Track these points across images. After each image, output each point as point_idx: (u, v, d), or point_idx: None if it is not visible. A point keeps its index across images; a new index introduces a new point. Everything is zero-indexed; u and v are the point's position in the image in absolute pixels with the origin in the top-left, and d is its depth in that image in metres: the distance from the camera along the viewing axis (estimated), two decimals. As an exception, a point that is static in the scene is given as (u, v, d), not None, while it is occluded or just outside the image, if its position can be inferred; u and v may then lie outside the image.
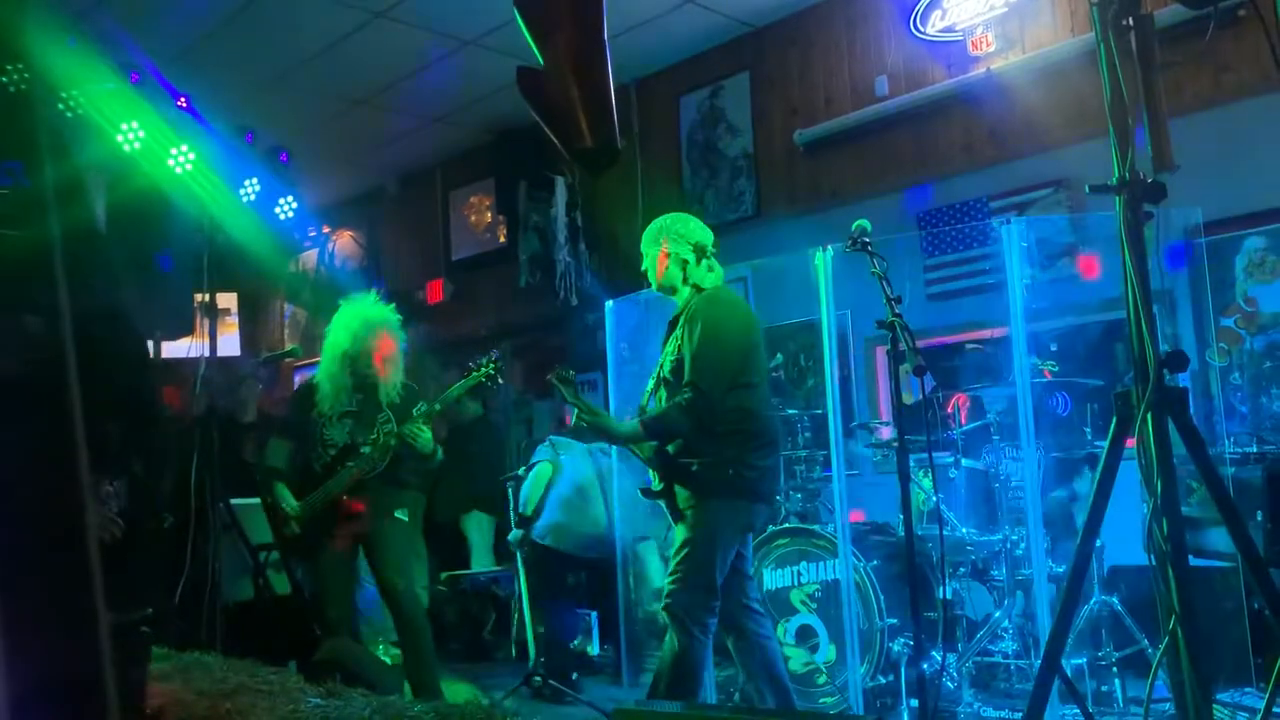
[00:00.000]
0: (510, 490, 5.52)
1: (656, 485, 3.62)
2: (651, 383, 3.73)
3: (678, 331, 3.57)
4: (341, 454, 4.37)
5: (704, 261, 3.67)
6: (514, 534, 5.43)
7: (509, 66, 2.68)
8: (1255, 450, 4.00)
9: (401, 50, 6.63)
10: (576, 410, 3.69)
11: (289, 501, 4.37)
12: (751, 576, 3.76)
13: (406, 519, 4.53)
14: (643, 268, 3.78)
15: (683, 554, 3.43)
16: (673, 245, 3.68)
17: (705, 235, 3.72)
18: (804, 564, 4.43)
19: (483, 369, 4.36)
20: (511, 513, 5.48)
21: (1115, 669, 4.00)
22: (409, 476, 4.54)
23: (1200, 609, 2.19)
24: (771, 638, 3.68)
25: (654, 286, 3.79)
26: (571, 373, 3.77)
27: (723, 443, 3.44)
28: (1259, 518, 3.58)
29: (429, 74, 6.95)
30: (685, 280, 3.67)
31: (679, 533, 3.50)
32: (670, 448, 3.54)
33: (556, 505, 5.42)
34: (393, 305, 4.60)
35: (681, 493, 3.51)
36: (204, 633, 4.42)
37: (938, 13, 5.82)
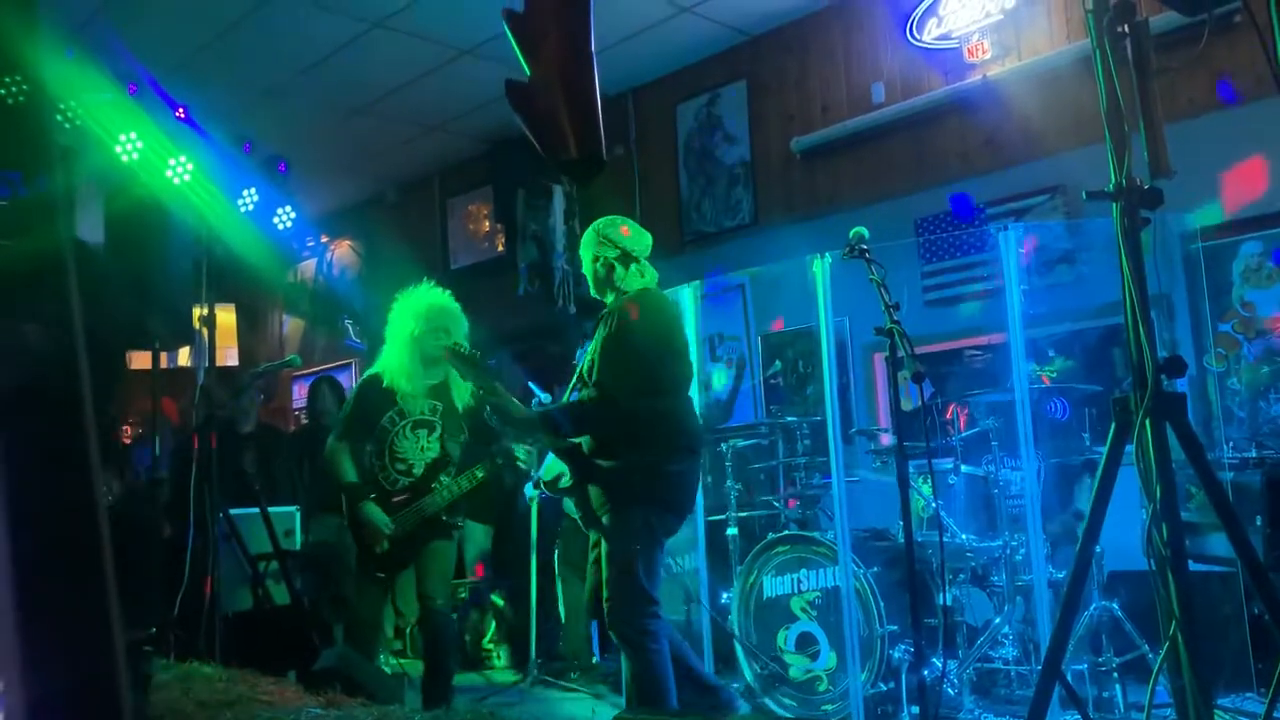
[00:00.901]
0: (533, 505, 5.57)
1: (565, 483, 3.60)
2: (573, 381, 3.71)
3: (598, 333, 3.57)
4: (432, 468, 4.16)
5: (633, 266, 3.65)
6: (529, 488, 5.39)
7: (505, 75, 2.69)
8: (1254, 455, 4.00)
9: (399, 60, 6.65)
10: (476, 387, 3.66)
11: (381, 519, 4.08)
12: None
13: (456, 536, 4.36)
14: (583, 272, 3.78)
15: (610, 569, 3.44)
16: (600, 250, 3.67)
17: (637, 241, 3.69)
18: (804, 571, 4.42)
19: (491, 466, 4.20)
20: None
21: (1116, 674, 3.99)
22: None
23: (1200, 614, 2.19)
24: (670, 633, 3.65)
25: (590, 291, 3.78)
26: (477, 353, 3.72)
27: (636, 448, 3.42)
28: (1258, 522, 3.58)
29: (426, 83, 6.96)
30: (611, 285, 3.66)
31: (602, 546, 3.50)
32: (585, 448, 3.52)
33: None
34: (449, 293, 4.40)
35: (595, 496, 3.50)
36: (203, 642, 4.42)
37: (934, 20, 5.84)
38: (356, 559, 4.33)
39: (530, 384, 4.25)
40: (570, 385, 3.73)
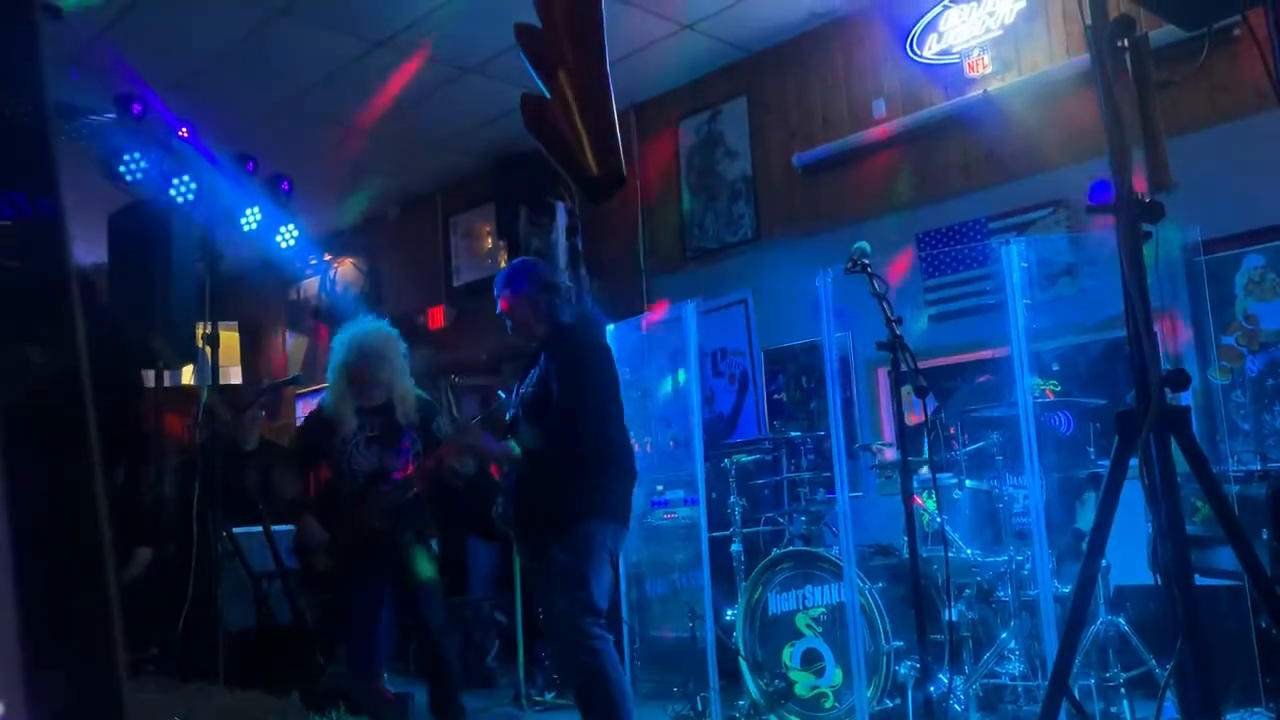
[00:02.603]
0: None
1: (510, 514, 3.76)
2: (511, 413, 3.84)
3: (540, 365, 3.70)
4: (371, 479, 4.32)
5: (558, 299, 3.80)
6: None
7: (508, 93, 2.70)
8: (1259, 468, 3.99)
9: (402, 78, 6.68)
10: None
11: (317, 532, 4.28)
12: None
13: (437, 549, 4.46)
14: (497, 312, 3.89)
15: (562, 579, 3.52)
16: (528, 287, 3.79)
17: (560, 277, 4.05)
18: (809, 587, 4.41)
19: None
20: None
21: (1123, 690, 3.97)
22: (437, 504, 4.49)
23: (1207, 629, 2.17)
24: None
25: (509, 330, 3.88)
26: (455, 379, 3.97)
27: (589, 469, 3.58)
28: (1264, 536, 3.57)
29: (429, 101, 6.99)
30: (543, 318, 3.77)
31: (555, 560, 3.56)
32: (532, 474, 3.65)
33: None
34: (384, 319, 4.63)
35: (549, 518, 3.60)
36: (207, 661, 4.40)
37: (934, 35, 5.86)
38: (309, 578, 4.44)
39: (499, 391, 4.27)
40: (509, 417, 3.86)
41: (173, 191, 5.35)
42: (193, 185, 5.38)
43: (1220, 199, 4.54)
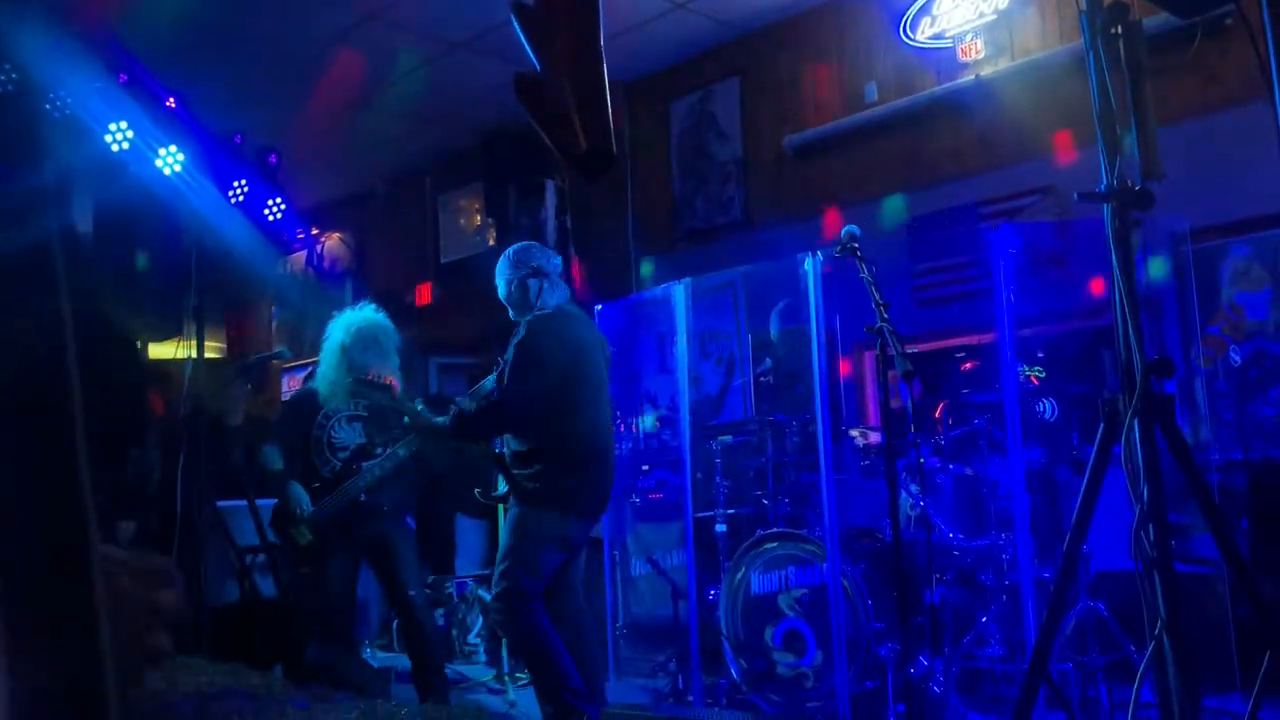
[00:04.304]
0: None
1: (500, 489, 4.03)
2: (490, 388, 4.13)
3: (510, 341, 3.90)
4: (355, 455, 4.34)
5: (545, 283, 3.99)
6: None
7: (499, 70, 2.69)
8: (1240, 457, 4.02)
9: (392, 53, 6.63)
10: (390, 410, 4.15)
11: (302, 504, 4.31)
12: (576, 589, 4.05)
13: (413, 524, 4.51)
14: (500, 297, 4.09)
15: (501, 557, 3.83)
16: (514, 272, 4.01)
17: (547, 260, 4.04)
18: (792, 568, 4.43)
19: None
20: None
21: (1101, 674, 4.01)
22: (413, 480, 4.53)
23: (1186, 615, 2.19)
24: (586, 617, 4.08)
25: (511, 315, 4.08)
26: (382, 378, 4.19)
27: (544, 460, 3.81)
28: (1244, 524, 3.60)
29: (419, 77, 6.94)
30: (527, 303, 3.97)
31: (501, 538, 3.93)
32: (508, 458, 3.92)
33: None
34: (379, 308, 4.63)
35: (514, 499, 3.89)
36: (190, 635, 4.40)
37: (927, 19, 5.84)
38: (288, 551, 4.52)
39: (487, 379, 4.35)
40: (486, 392, 4.13)
41: (159, 162, 5.30)
42: (180, 156, 5.33)
43: (1208, 189, 4.55)
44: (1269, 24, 2.16)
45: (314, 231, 9.37)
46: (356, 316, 4.48)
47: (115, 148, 5.21)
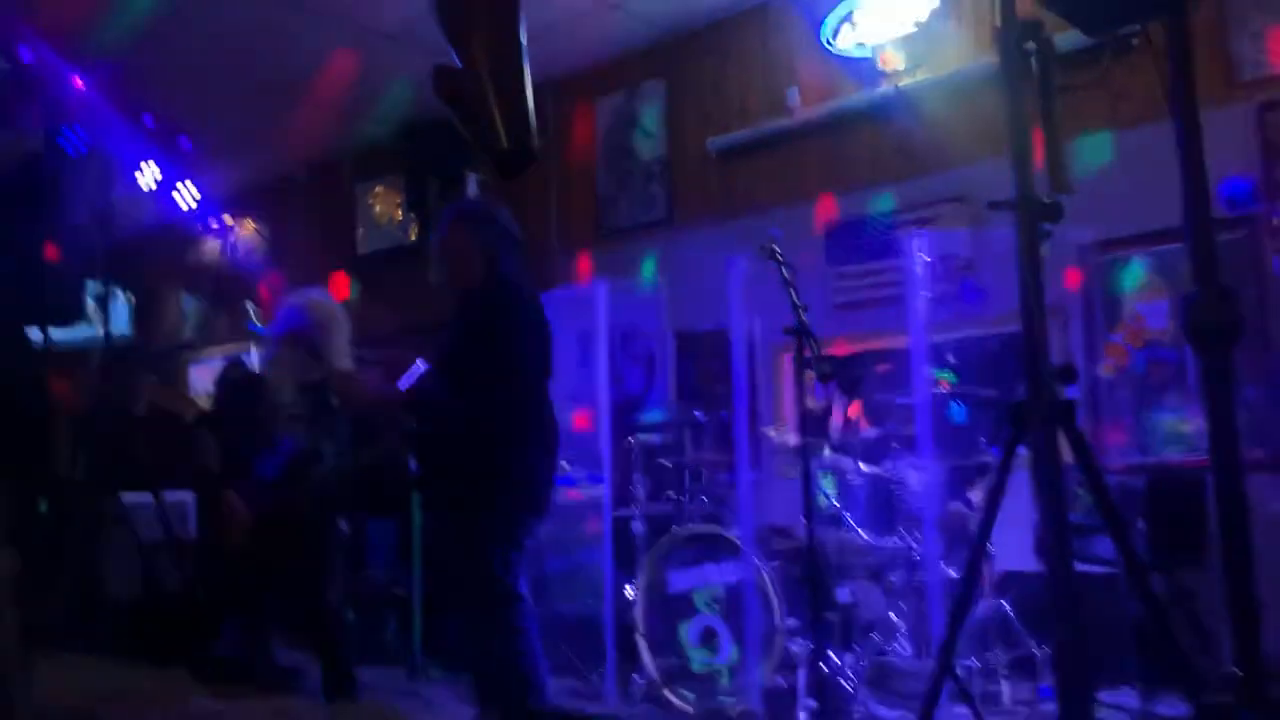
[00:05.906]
0: None
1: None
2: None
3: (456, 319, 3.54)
4: (303, 459, 4.20)
5: (494, 257, 3.56)
6: None
7: (421, 61, 2.65)
8: (1139, 460, 4.18)
9: (312, 40, 6.49)
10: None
11: (240, 510, 4.16)
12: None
13: (346, 529, 4.43)
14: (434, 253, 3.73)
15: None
16: (480, 226, 3.60)
17: (513, 225, 3.68)
18: (708, 565, 4.47)
19: None
20: None
21: (1004, 670, 4.13)
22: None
23: (1086, 613, 2.27)
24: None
25: (441, 277, 3.69)
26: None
27: (489, 445, 3.33)
28: (1141, 525, 3.75)
29: (339, 65, 6.81)
30: (479, 267, 3.56)
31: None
32: (436, 441, 3.51)
33: None
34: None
35: (449, 492, 3.46)
36: (87, 631, 4.26)
37: (848, 27, 5.93)
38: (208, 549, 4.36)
39: (419, 359, 4.16)
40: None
41: (63, 143, 5.11)
42: (86, 137, 5.15)
43: (1114, 202, 4.71)
44: (1171, 46, 2.25)
45: (227, 219, 9.13)
46: (307, 299, 4.30)
47: (18, 126, 5.01)
